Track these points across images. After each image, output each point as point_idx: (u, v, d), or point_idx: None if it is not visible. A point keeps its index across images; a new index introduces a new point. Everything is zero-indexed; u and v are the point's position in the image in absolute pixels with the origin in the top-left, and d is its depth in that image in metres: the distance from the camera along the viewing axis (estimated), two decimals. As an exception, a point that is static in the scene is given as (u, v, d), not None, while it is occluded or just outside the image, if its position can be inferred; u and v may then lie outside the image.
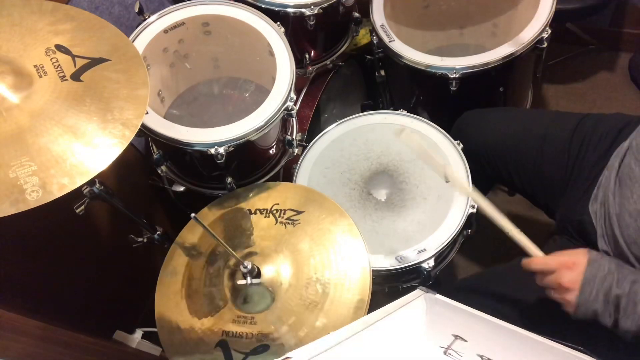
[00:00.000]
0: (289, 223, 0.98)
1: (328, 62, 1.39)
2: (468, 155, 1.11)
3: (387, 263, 1.01)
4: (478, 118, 1.20)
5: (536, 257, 0.85)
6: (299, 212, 0.99)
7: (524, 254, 0.88)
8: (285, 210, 1.00)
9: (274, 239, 0.96)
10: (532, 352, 0.76)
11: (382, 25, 1.29)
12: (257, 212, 1.01)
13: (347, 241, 0.94)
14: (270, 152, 1.17)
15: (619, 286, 0.76)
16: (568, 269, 0.80)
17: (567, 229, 1.01)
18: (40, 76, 0.76)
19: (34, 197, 0.66)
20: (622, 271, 0.78)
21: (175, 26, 1.12)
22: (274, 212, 1.00)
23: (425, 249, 1.01)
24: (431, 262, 1.00)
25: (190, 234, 1.01)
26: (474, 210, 1.04)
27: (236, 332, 0.88)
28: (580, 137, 1.03)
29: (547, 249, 1.02)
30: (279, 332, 0.87)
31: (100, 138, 0.72)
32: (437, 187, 1.09)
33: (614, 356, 0.80)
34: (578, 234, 0.97)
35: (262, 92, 1.25)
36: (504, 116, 1.17)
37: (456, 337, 0.64)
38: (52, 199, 0.66)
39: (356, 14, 1.37)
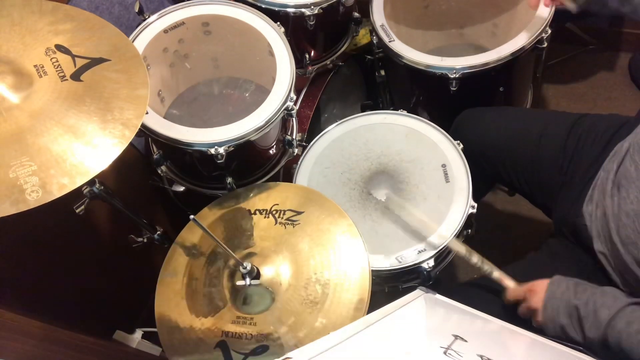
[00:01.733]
0: (288, 223, 0.98)
1: (328, 62, 1.39)
2: (467, 155, 1.11)
3: (387, 263, 1.01)
4: (476, 117, 1.20)
5: (509, 287, 0.91)
6: (298, 213, 0.99)
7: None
8: (285, 211, 1.00)
9: (274, 240, 0.96)
10: (532, 351, 0.76)
11: (382, 25, 1.29)
12: (257, 212, 1.01)
13: (346, 241, 0.94)
14: (270, 152, 1.17)
15: (577, 297, 0.80)
16: (533, 293, 0.86)
17: (562, 231, 1.01)
18: (40, 76, 0.76)
19: (34, 197, 0.66)
20: (580, 285, 0.82)
21: (175, 26, 1.12)
22: (274, 212, 1.00)
23: (425, 249, 1.01)
24: (431, 262, 1.00)
25: (190, 234, 1.01)
26: (474, 211, 1.04)
27: (236, 333, 0.88)
28: (575, 137, 1.03)
29: (540, 253, 1.04)
30: (278, 333, 0.87)
31: (100, 138, 0.73)
32: (437, 187, 1.09)
33: (612, 356, 0.80)
34: (573, 235, 0.98)
35: (262, 92, 1.24)
36: (501, 116, 1.17)
37: (456, 337, 0.64)
38: (52, 199, 0.67)
39: (356, 14, 1.37)
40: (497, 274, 0.93)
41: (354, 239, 0.94)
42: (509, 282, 0.92)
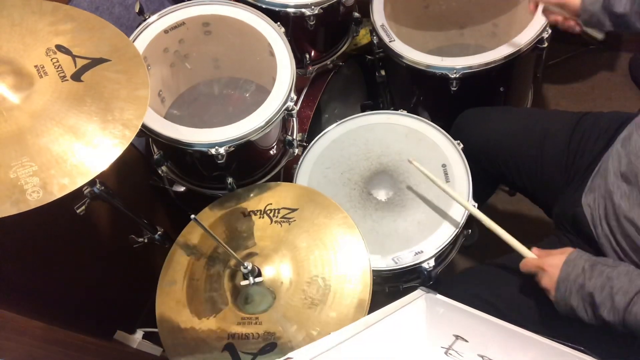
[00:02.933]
0: (284, 221, 0.98)
1: (328, 62, 1.39)
2: (468, 155, 1.11)
3: (383, 263, 1.01)
4: (477, 117, 1.20)
5: (526, 257, 0.91)
6: (292, 210, 0.99)
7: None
8: (279, 210, 1.00)
9: (272, 239, 0.97)
10: (532, 352, 0.76)
11: (382, 25, 1.29)
12: (258, 212, 1.01)
13: (347, 241, 0.94)
14: (271, 152, 1.17)
15: (591, 283, 0.79)
16: (545, 271, 0.85)
17: (563, 225, 1.01)
18: (41, 76, 0.76)
19: (35, 198, 0.66)
20: (596, 268, 0.81)
21: (175, 26, 1.12)
22: (268, 212, 1.01)
23: (422, 251, 1.01)
24: (431, 262, 1.00)
25: (191, 235, 1.01)
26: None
27: (242, 334, 0.88)
28: (578, 135, 1.03)
29: (542, 246, 1.04)
30: (285, 330, 0.87)
31: (101, 138, 0.72)
32: (437, 187, 1.09)
33: (613, 356, 0.80)
34: (573, 228, 0.97)
35: (262, 92, 1.25)
36: (503, 115, 1.17)
37: (457, 337, 0.64)
38: (53, 199, 0.66)
39: (356, 14, 1.37)
40: (512, 241, 0.93)
41: (354, 239, 0.94)
42: (525, 251, 0.91)
